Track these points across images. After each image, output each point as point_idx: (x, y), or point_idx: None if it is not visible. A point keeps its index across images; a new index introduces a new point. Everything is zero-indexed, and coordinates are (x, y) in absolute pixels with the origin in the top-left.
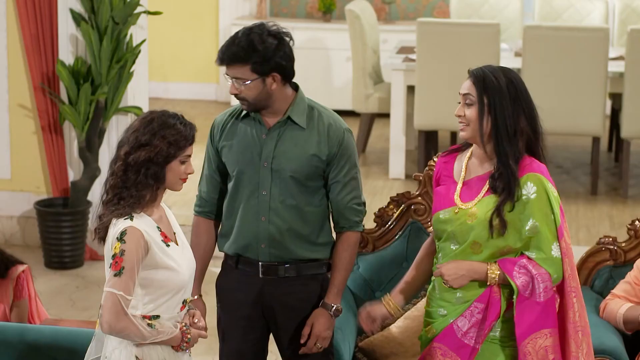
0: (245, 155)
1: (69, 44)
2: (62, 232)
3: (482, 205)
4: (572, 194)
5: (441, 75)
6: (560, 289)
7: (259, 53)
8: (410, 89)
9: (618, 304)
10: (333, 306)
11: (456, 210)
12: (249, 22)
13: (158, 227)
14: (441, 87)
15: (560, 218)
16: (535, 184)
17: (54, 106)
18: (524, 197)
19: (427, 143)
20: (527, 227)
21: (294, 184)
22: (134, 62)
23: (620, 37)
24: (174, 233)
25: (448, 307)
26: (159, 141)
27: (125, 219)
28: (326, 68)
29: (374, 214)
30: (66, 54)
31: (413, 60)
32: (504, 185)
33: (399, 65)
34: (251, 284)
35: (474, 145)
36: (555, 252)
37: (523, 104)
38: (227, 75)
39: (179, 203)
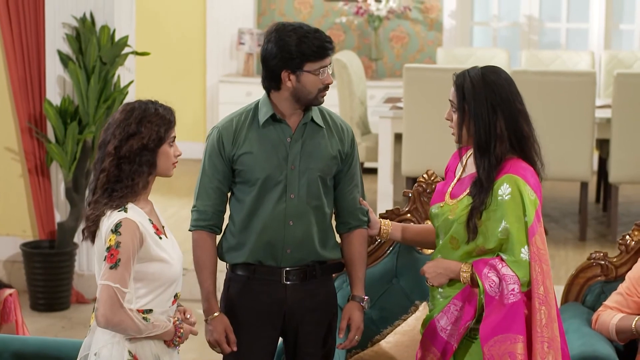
0: (271, 160)
1: (57, 85)
2: (49, 274)
3: (462, 203)
4: (561, 240)
5: (429, 120)
6: (528, 294)
7: None
8: (398, 138)
9: (610, 315)
10: (364, 298)
11: (442, 205)
12: (237, 80)
13: (150, 220)
14: (429, 133)
15: (534, 219)
16: (510, 186)
17: (41, 148)
18: (499, 198)
19: None
20: (499, 229)
21: (320, 185)
22: (121, 102)
23: (607, 87)
24: (163, 227)
25: (434, 303)
26: (147, 128)
27: (119, 211)
28: None
29: None
30: (54, 95)
31: (400, 108)
32: (476, 193)
33: (386, 113)
34: (273, 292)
35: None
36: (524, 255)
37: (502, 108)
38: (326, 65)
39: None
